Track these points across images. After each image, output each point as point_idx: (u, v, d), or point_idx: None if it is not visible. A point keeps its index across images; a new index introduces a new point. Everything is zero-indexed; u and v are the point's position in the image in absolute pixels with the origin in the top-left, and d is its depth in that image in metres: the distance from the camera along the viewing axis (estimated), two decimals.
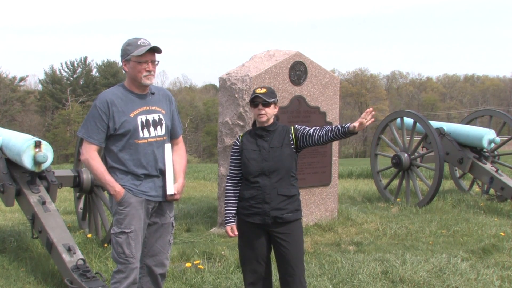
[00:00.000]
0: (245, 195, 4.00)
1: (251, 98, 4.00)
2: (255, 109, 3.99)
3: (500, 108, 41.95)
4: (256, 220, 3.96)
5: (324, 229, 7.44)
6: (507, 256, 6.11)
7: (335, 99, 8.03)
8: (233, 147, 4.12)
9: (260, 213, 3.94)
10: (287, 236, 3.99)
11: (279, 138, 4.00)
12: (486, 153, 10.16)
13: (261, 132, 4.02)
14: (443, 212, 8.68)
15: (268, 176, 3.94)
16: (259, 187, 3.94)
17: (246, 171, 4.00)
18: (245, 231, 4.05)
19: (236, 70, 7.42)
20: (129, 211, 3.84)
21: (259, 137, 4.02)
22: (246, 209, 3.99)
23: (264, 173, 3.94)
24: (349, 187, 13.00)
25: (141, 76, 3.83)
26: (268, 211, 3.93)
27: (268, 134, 4.01)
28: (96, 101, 3.87)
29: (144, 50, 3.79)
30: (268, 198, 3.92)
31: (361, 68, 76.91)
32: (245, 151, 4.00)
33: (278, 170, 3.94)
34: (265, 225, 3.97)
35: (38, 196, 5.67)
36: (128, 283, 3.85)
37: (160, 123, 3.94)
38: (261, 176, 3.94)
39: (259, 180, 3.94)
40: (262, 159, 3.94)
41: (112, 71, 55.97)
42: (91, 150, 3.85)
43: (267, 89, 3.99)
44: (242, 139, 4.09)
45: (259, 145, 3.99)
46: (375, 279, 5.15)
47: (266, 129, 4.02)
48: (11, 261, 5.89)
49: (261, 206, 3.94)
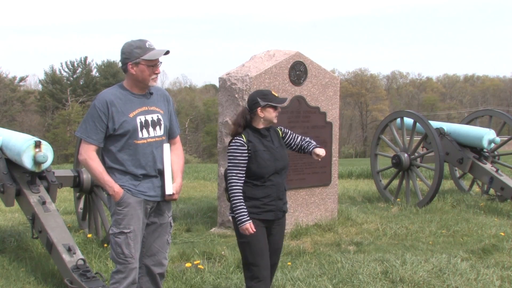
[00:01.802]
0: (257, 194, 4.06)
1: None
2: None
3: (500, 108, 41.88)
4: (269, 216, 4.12)
5: (324, 229, 7.44)
6: (507, 256, 6.11)
7: (335, 99, 8.03)
8: (240, 148, 4.05)
9: (274, 210, 4.13)
10: (281, 227, 4.27)
11: (277, 138, 4.22)
12: (486, 153, 10.16)
13: (265, 133, 4.16)
14: (443, 212, 8.68)
15: (280, 174, 4.15)
16: (273, 185, 4.09)
17: (260, 171, 4.04)
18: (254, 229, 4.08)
19: (236, 70, 7.42)
20: (128, 211, 3.83)
21: (263, 138, 4.13)
22: (259, 207, 4.08)
23: (277, 172, 4.12)
24: (349, 187, 13.00)
25: (149, 79, 3.85)
26: (281, 206, 4.17)
27: (269, 135, 4.18)
28: (95, 101, 3.86)
29: (158, 55, 3.80)
30: (281, 194, 4.15)
31: (361, 68, 76.94)
32: (259, 152, 4.06)
33: (285, 167, 4.20)
34: (272, 220, 4.16)
35: (38, 196, 5.67)
36: (128, 283, 3.85)
37: (159, 123, 3.94)
38: (274, 175, 4.10)
39: (273, 179, 4.09)
40: (274, 158, 4.10)
41: (112, 71, 55.93)
42: (89, 150, 3.84)
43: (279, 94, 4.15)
44: (249, 139, 4.08)
45: (266, 145, 4.11)
46: (375, 279, 5.15)
47: (267, 129, 4.19)
48: (11, 261, 5.89)
49: (275, 203, 4.12)
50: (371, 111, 66.43)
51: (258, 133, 4.11)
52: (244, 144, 4.06)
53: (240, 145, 4.06)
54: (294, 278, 5.14)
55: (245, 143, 4.06)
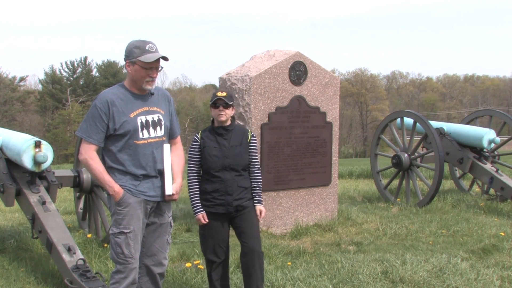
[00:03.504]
0: (207, 188, 4.41)
1: (213, 100, 4.41)
2: (215, 110, 4.42)
3: (500, 108, 41.95)
4: (219, 210, 4.40)
5: (324, 229, 7.44)
6: (507, 256, 6.11)
7: (335, 99, 8.03)
8: (192, 143, 4.49)
9: (223, 204, 4.40)
10: (244, 215, 4.48)
11: (237, 137, 4.46)
12: (486, 153, 10.17)
13: (221, 131, 4.44)
14: (443, 212, 8.68)
15: (229, 171, 4.38)
16: (221, 181, 4.38)
17: (207, 166, 4.40)
18: (207, 221, 4.42)
19: (236, 70, 7.42)
20: (128, 211, 3.83)
21: (218, 135, 4.44)
22: (209, 201, 4.41)
23: (225, 168, 4.38)
24: (349, 187, 13.00)
25: (143, 81, 3.84)
26: (231, 201, 4.39)
27: (227, 133, 4.44)
28: (96, 101, 3.85)
29: (152, 58, 3.78)
30: (230, 190, 4.38)
31: (361, 68, 77.03)
32: (207, 148, 4.40)
33: (237, 165, 4.40)
34: (227, 214, 4.42)
35: (38, 196, 5.67)
36: (128, 283, 3.85)
37: (159, 124, 3.95)
38: (222, 171, 4.38)
39: (221, 175, 4.38)
40: (223, 155, 4.37)
41: (112, 71, 55.87)
42: (90, 150, 3.84)
43: (227, 93, 4.45)
44: (202, 136, 4.48)
45: (220, 143, 4.41)
46: (375, 279, 5.15)
47: (226, 128, 4.45)
48: (11, 261, 5.89)
49: (224, 198, 4.39)
50: (371, 111, 66.49)
51: (214, 132, 4.45)
52: (197, 140, 4.48)
53: (194, 140, 4.51)
54: (294, 278, 5.14)
55: (198, 139, 4.47)
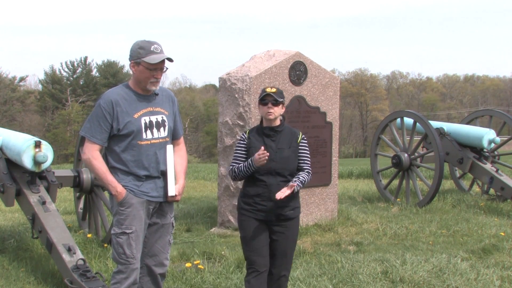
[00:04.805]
0: (249, 191, 4.09)
1: (262, 96, 4.08)
2: (264, 107, 4.08)
3: (500, 108, 41.88)
4: (259, 216, 4.07)
5: (324, 229, 7.44)
6: (507, 256, 6.11)
7: (335, 99, 8.03)
8: (239, 142, 4.20)
9: (264, 210, 4.05)
10: (284, 234, 4.12)
11: (286, 140, 4.11)
12: (486, 153, 10.16)
13: (269, 132, 4.11)
14: (443, 212, 8.68)
15: (274, 175, 4.04)
16: (265, 185, 4.04)
17: None
18: (248, 225, 4.11)
19: (236, 70, 7.42)
20: (130, 212, 3.83)
21: (266, 136, 4.10)
22: (250, 205, 4.09)
23: (270, 172, 4.04)
24: (349, 187, 13.00)
25: (148, 81, 3.83)
26: (273, 208, 4.03)
27: (275, 134, 4.11)
28: (100, 101, 3.84)
29: (157, 60, 3.77)
30: (273, 196, 3.97)
31: (361, 68, 77.08)
32: (253, 149, 4.07)
33: (284, 170, 4.06)
34: (268, 221, 4.08)
35: (38, 196, 5.67)
36: (129, 283, 3.85)
37: (163, 125, 3.94)
38: (267, 175, 4.04)
39: (265, 179, 4.04)
40: (269, 159, 3.98)
41: (112, 71, 55.90)
42: (93, 149, 3.83)
43: (277, 89, 4.10)
44: (249, 135, 4.16)
45: (267, 145, 4.06)
46: (375, 279, 5.15)
47: (274, 129, 4.12)
48: (11, 261, 5.88)
49: (266, 204, 4.04)
50: (371, 111, 66.48)
51: (262, 132, 4.14)
52: (244, 138, 4.19)
53: (240, 139, 4.21)
54: (294, 278, 5.14)
55: (245, 138, 4.17)
